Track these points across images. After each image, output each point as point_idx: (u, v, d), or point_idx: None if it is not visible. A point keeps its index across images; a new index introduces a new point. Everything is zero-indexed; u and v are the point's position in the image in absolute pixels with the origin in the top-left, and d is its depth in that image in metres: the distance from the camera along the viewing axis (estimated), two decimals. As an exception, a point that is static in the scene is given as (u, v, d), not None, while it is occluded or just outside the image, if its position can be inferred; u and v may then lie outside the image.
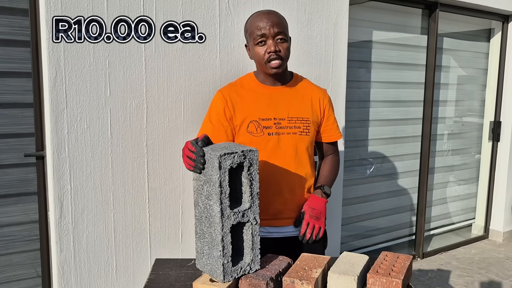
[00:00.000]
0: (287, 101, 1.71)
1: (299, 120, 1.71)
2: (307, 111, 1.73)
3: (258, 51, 1.64)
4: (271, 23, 1.60)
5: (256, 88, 1.72)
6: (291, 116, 1.70)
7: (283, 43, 1.63)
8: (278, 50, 1.62)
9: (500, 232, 4.43)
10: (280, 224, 1.73)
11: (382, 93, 3.66)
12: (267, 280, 1.29)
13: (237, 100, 1.69)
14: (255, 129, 1.66)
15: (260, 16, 1.64)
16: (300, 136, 1.70)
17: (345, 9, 2.91)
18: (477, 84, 4.36)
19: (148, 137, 2.28)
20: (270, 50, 1.61)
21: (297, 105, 1.72)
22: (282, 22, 1.65)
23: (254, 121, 1.66)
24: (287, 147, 1.69)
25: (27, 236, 2.27)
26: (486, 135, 4.43)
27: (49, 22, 1.99)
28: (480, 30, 4.27)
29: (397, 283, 1.27)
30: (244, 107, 1.68)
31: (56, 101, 2.05)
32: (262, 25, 1.61)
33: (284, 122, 1.69)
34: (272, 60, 1.62)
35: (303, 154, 1.72)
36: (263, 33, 1.61)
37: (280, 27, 1.62)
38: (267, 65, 1.64)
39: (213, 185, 1.26)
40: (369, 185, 3.73)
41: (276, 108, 1.69)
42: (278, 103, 1.70)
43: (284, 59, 1.65)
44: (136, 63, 2.21)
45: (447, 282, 3.48)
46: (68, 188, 2.12)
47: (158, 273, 1.49)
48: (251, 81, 1.75)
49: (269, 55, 1.62)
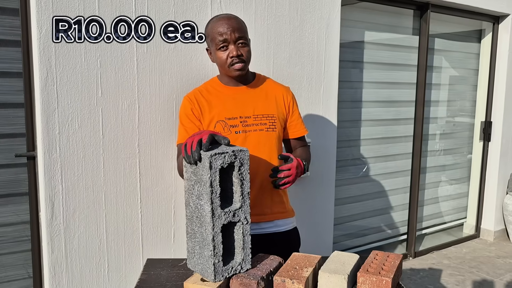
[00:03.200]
0: (251, 100, 1.76)
1: (265, 117, 1.75)
2: (272, 108, 1.78)
3: (221, 56, 1.69)
4: (232, 28, 1.65)
5: (220, 90, 1.77)
6: (256, 114, 1.74)
7: (244, 47, 1.68)
8: (240, 54, 1.67)
9: (491, 231, 4.47)
10: (253, 220, 1.74)
11: (374, 93, 3.68)
12: (258, 280, 1.29)
13: (203, 102, 1.74)
14: (222, 128, 1.71)
15: (220, 22, 1.67)
16: (267, 132, 1.74)
17: (337, 10, 2.92)
18: (468, 84, 4.40)
19: (140, 137, 2.28)
20: (233, 54, 1.66)
21: (261, 103, 1.77)
22: (242, 26, 1.70)
23: (221, 121, 1.71)
24: (255, 143, 1.72)
25: (18, 236, 2.26)
26: (477, 135, 4.47)
27: (40, 21, 1.99)
28: (471, 31, 4.30)
29: (386, 282, 1.28)
30: (210, 109, 1.73)
31: (47, 101, 2.04)
32: (223, 31, 1.65)
33: (250, 120, 1.73)
34: (235, 64, 1.67)
35: (271, 149, 1.76)
36: (225, 38, 1.65)
37: (241, 32, 1.67)
38: (230, 69, 1.69)
39: (204, 185, 1.26)
40: (361, 184, 3.75)
41: (242, 107, 1.74)
42: (243, 102, 1.75)
43: (246, 62, 1.70)
44: (128, 63, 2.21)
45: (438, 281, 3.51)
46: (60, 189, 2.11)
47: (149, 273, 1.49)
48: (215, 84, 1.80)
49: (231, 60, 1.67)
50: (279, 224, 1.81)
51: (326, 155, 3.03)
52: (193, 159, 1.26)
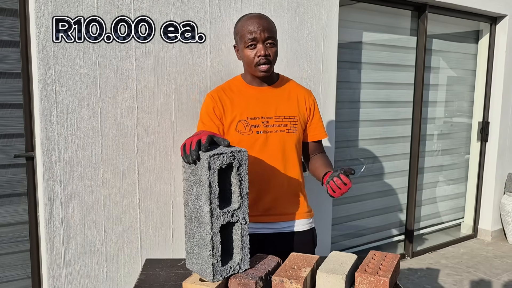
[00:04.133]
0: (274, 101, 1.76)
1: (286, 119, 1.75)
2: (293, 110, 1.78)
3: (248, 54, 1.69)
4: (262, 28, 1.65)
5: (243, 89, 1.77)
6: (278, 115, 1.74)
7: (272, 48, 1.69)
8: (268, 54, 1.67)
9: (489, 231, 4.48)
10: (271, 220, 1.77)
11: (372, 94, 3.69)
12: (256, 280, 1.30)
13: (226, 101, 1.74)
14: (244, 128, 1.70)
15: (251, 20, 1.68)
16: (288, 134, 1.74)
17: (335, 10, 2.93)
18: (465, 85, 4.42)
19: (138, 138, 2.29)
20: (260, 54, 1.66)
21: (284, 104, 1.77)
22: (272, 27, 1.70)
23: (243, 120, 1.71)
24: (275, 144, 1.73)
25: (17, 237, 2.26)
26: (474, 135, 4.49)
27: (39, 22, 1.99)
28: (468, 32, 4.32)
29: (384, 282, 1.28)
30: (232, 108, 1.72)
31: (46, 102, 2.04)
32: (253, 29, 1.65)
33: (272, 120, 1.73)
34: (262, 64, 1.68)
35: (291, 151, 1.76)
36: (254, 37, 1.66)
37: (270, 32, 1.68)
38: (256, 68, 1.69)
39: (203, 186, 1.26)
40: (360, 185, 3.76)
41: (264, 107, 1.74)
42: (266, 103, 1.75)
43: (273, 63, 1.71)
44: (127, 63, 2.21)
45: (436, 281, 3.52)
46: (58, 189, 2.12)
47: (148, 273, 1.49)
48: (239, 83, 1.80)
49: (258, 59, 1.67)
50: (298, 224, 1.82)
51: (324, 156, 3.04)
52: (192, 159, 1.27)
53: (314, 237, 1.90)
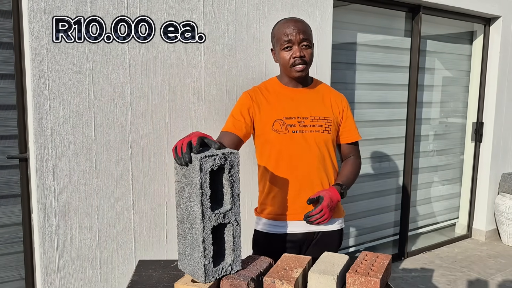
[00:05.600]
0: (309, 102, 1.81)
1: (321, 119, 1.79)
2: (328, 111, 1.82)
3: (284, 56, 1.74)
4: (298, 30, 1.70)
5: (279, 90, 1.82)
6: (313, 115, 1.79)
7: (307, 49, 1.73)
8: (303, 55, 1.72)
9: (483, 231, 4.50)
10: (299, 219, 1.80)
11: (367, 95, 3.71)
12: (248, 281, 1.30)
13: (262, 100, 1.78)
14: (280, 127, 1.75)
15: (288, 23, 1.73)
16: (323, 134, 1.78)
17: (329, 12, 2.94)
18: (460, 85, 4.44)
19: (132, 139, 2.29)
20: (296, 55, 1.71)
21: (318, 105, 1.81)
22: (308, 30, 1.75)
23: (279, 119, 1.75)
24: (311, 143, 1.77)
25: (11, 238, 2.26)
26: (469, 135, 4.51)
27: (32, 24, 1.99)
28: (462, 33, 4.34)
29: (375, 282, 1.29)
30: (269, 107, 1.77)
31: (39, 103, 2.04)
32: (289, 32, 1.71)
33: (307, 120, 1.77)
34: (297, 65, 1.72)
35: (326, 150, 1.80)
36: (290, 39, 1.71)
37: (306, 34, 1.72)
38: (292, 69, 1.74)
39: (194, 187, 1.27)
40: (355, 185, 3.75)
41: (299, 108, 1.78)
42: (301, 103, 1.79)
43: (308, 64, 1.75)
44: (120, 65, 2.21)
45: (430, 280, 3.53)
46: (52, 190, 2.12)
47: (141, 274, 1.50)
48: (275, 84, 1.84)
49: (294, 60, 1.72)
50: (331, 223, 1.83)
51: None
52: (184, 161, 1.27)
53: (341, 237, 1.93)
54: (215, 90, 2.50)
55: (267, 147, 1.78)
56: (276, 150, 1.75)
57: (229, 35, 2.51)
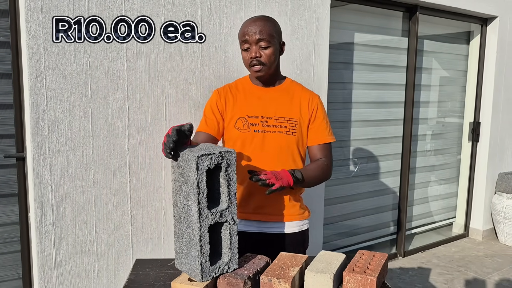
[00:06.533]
0: (276, 102, 1.79)
1: (286, 120, 1.77)
2: (295, 112, 1.79)
3: (243, 56, 1.76)
4: (255, 30, 1.69)
5: (248, 88, 1.83)
6: (278, 116, 1.77)
7: (265, 49, 1.71)
8: (259, 56, 1.70)
9: (480, 230, 4.52)
10: (261, 218, 1.79)
11: (364, 94, 3.72)
12: (244, 279, 1.31)
13: (230, 97, 1.80)
14: (242, 125, 1.75)
15: (247, 23, 1.73)
16: (285, 136, 1.76)
17: (326, 12, 2.95)
18: (457, 85, 4.45)
19: (130, 138, 2.29)
20: (251, 56, 1.71)
21: (285, 106, 1.79)
22: (267, 28, 1.70)
23: (242, 117, 1.76)
24: (272, 144, 1.75)
25: (8, 237, 2.26)
26: (465, 135, 4.52)
27: (29, 23, 1.99)
28: (459, 33, 4.35)
29: (371, 281, 1.30)
30: (234, 105, 1.78)
31: (36, 103, 2.04)
32: (247, 32, 1.70)
33: (271, 121, 1.76)
34: (254, 65, 1.72)
35: (288, 152, 1.77)
36: (246, 39, 1.71)
37: (263, 34, 1.69)
38: (251, 69, 1.75)
39: (191, 186, 1.27)
40: (352, 185, 3.78)
41: (264, 107, 1.77)
42: (267, 103, 1.78)
43: (266, 64, 1.72)
44: (118, 64, 2.22)
45: (427, 280, 3.54)
46: (49, 190, 2.12)
47: (138, 273, 1.50)
48: (245, 82, 1.85)
49: (251, 60, 1.72)
50: (288, 226, 1.82)
51: (316, 156, 3.06)
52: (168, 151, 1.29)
53: (305, 239, 1.89)
54: (212, 90, 2.48)
55: (229, 144, 1.78)
56: (237, 148, 1.74)
57: (227, 35, 2.52)
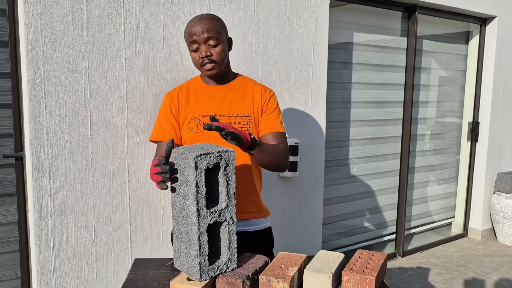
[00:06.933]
0: (228, 99, 1.78)
1: (239, 116, 1.76)
2: (247, 107, 1.78)
3: (193, 56, 1.72)
4: (201, 29, 1.66)
5: (200, 88, 1.81)
6: (231, 113, 1.75)
7: (215, 47, 1.69)
8: (210, 54, 1.68)
9: (479, 230, 4.52)
10: None
11: (363, 94, 3.72)
12: (243, 279, 1.31)
13: (182, 99, 1.78)
14: (196, 125, 1.73)
15: (192, 23, 1.70)
16: None
17: (325, 12, 2.95)
18: (456, 85, 4.45)
19: (128, 138, 2.29)
20: (202, 55, 1.68)
21: (238, 102, 1.78)
22: (214, 26, 1.69)
23: (195, 118, 1.74)
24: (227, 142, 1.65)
25: (6, 237, 2.26)
26: (464, 135, 4.53)
27: (28, 22, 1.98)
28: (458, 33, 4.36)
29: (370, 280, 1.30)
30: (187, 106, 1.76)
31: (35, 102, 2.04)
32: (194, 32, 1.67)
33: (224, 118, 1.74)
34: (206, 64, 1.69)
35: None
36: (195, 39, 1.68)
37: (211, 32, 1.67)
38: (202, 69, 1.72)
39: (190, 185, 1.27)
40: (351, 184, 3.78)
41: (217, 106, 1.76)
42: (220, 101, 1.77)
43: (218, 62, 1.70)
44: (117, 63, 2.21)
45: (426, 279, 3.54)
46: (48, 189, 2.11)
47: (136, 273, 1.50)
48: (197, 82, 1.83)
49: (202, 60, 1.69)
50: (254, 223, 1.82)
51: (315, 156, 3.06)
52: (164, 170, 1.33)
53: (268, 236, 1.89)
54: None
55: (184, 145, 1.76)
56: None
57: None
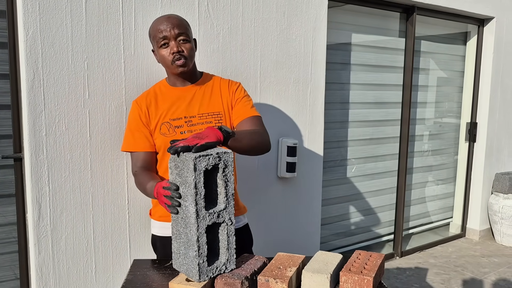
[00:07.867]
0: (197, 99, 1.77)
1: (210, 115, 1.75)
2: (217, 105, 1.77)
3: (163, 53, 1.70)
4: (172, 25, 1.66)
5: (167, 92, 1.79)
6: (201, 113, 1.75)
7: (185, 44, 1.69)
8: (181, 50, 1.68)
9: (477, 230, 4.53)
10: None
11: (361, 95, 3.73)
12: (242, 279, 1.31)
13: (151, 106, 1.76)
14: (167, 130, 1.72)
15: (160, 20, 1.69)
16: None
17: (323, 12, 2.95)
18: (454, 86, 4.47)
19: (127, 139, 2.29)
20: (173, 51, 1.67)
21: (207, 101, 1.77)
22: (183, 23, 1.70)
23: (166, 122, 1.73)
24: None
25: (5, 238, 2.26)
26: (462, 135, 4.54)
27: (27, 23, 1.99)
28: (456, 34, 4.37)
29: (368, 281, 1.31)
30: (156, 111, 1.75)
31: (34, 103, 2.04)
32: (163, 28, 1.66)
33: (195, 119, 1.74)
34: (177, 60, 1.68)
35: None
36: (165, 35, 1.67)
37: (181, 28, 1.68)
38: (173, 66, 1.69)
39: (189, 187, 1.28)
40: (349, 185, 3.79)
41: (187, 107, 1.75)
42: (188, 102, 1.76)
43: (188, 58, 1.70)
44: (115, 64, 2.22)
45: (424, 280, 3.55)
46: (47, 190, 2.12)
47: (135, 274, 1.50)
48: (163, 86, 1.81)
49: (173, 56, 1.68)
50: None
51: (313, 156, 3.07)
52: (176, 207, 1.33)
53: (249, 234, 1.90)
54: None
55: (160, 152, 1.75)
56: (165, 153, 1.71)
57: (224, 36, 2.52)
